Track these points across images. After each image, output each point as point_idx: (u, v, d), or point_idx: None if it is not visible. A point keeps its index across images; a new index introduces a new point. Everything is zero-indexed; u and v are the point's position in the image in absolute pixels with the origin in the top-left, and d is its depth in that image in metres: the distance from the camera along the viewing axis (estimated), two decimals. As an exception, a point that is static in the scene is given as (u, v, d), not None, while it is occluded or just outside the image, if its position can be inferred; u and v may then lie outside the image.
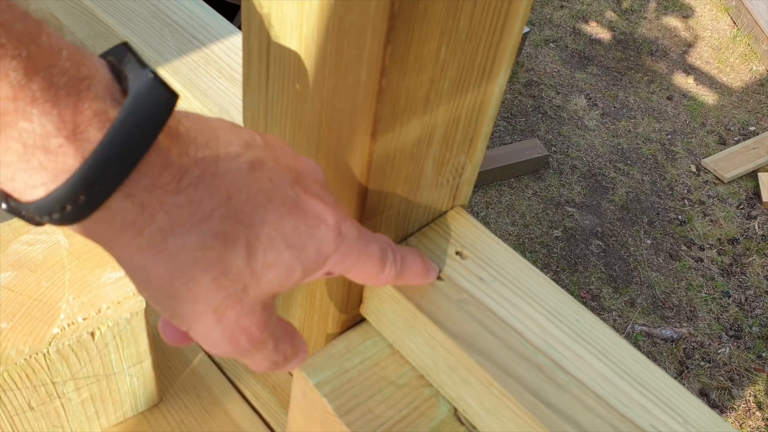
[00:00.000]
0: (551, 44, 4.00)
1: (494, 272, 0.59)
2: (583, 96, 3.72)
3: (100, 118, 0.31)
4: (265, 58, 0.53)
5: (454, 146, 0.57)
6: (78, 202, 0.31)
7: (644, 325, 2.84)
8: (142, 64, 0.33)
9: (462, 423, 0.58)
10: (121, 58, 0.34)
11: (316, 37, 0.47)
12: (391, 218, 0.57)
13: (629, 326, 2.83)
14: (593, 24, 4.16)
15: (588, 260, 3.00)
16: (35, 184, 0.31)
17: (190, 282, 0.35)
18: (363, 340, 0.62)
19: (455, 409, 0.58)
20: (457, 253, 0.60)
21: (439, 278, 0.58)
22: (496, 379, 0.52)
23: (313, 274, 0.41)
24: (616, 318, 2.84)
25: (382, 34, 0.42)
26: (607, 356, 0.54)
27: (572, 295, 2.89)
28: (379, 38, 0.43)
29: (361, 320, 0.64)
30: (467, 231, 0.62)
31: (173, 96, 0.33)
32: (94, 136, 0.31)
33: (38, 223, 0.33)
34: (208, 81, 0.72)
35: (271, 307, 0.40)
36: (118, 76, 0.33)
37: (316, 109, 0.51)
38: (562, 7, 4.23)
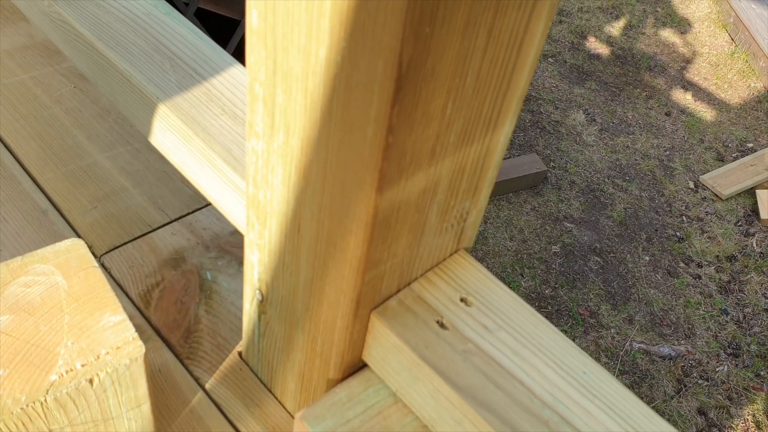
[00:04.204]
0: (550, 59, 4.00)
1: (499, 320, 0.58)
2: (581, 111, 3.72)
3: None
4: (270, 108, 0.52)
5: (459, 194, 0.56)
6: None
7: (642, 342, 2.83)
8: None
9: (466, 475, 0.57)
10: None
11: (322, 91, 0.46)
12: (395, 266, 0.56)
13: (627, 343, 2.83)
14: (592, 39, 4.16)
15: (586, 276, 2.99)
16: None
17: None
18: (365, 388, 0.61)
19: (459, 462, 0.58)
20: (461, 299, 0.60)
21: (443, 327, 0.57)
22: (501, 435, 0.51)
23: None
24: (614, 335, 2.83)
25: (390, 93, 0.42)
26: (614, 411, 0.53)
27: (571, 311, 2.88)
28: (386, 97, 0.42)
29: (364, 365, 0.63)
30: (471, 276, 0.62)
31: None
32: None
33: None
34: (210, 118, 0.71)
35: None
36: None
37: (321, 160, 0.50)
38: (560, 22, 4.24)
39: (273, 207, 0.58)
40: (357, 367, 0.63)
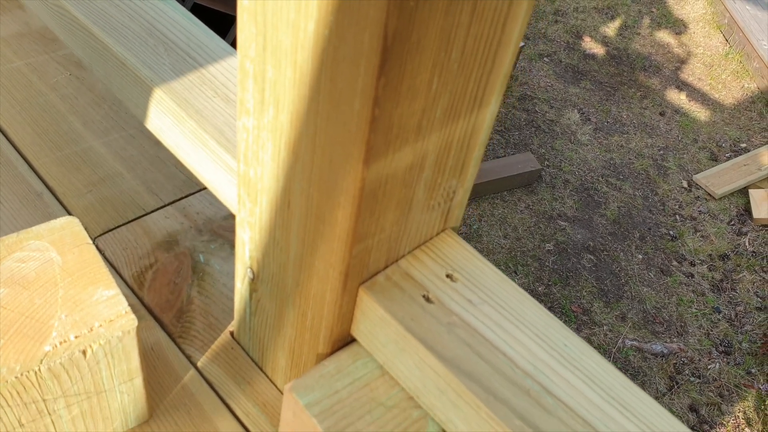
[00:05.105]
0: (545, 59, 4.02)
1: (484, 295, 0.60)
2: (576, 110, 3.74)
3: None
4: (260, 83, 0.54)
5: (445, 171, 0.58)
6: None
7: (635, 339, 2.85)
8: None
9: (450, 445, 0.59)
10: None
11: (310, 65, 0.48)
12: (382, 241, 0.58)
13: (620, 341, 2.84)
14: (587, 39, 4.18)
15: (580, 274, 3.01)
16: None
17: None
18: (353, 361, 0.62)
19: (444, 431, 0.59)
20: (447, 275, 0.61)
21: (429, 301, 0.59)
22: (484, 403, 0.52)
23: None
24: (607, 332, 2.85)
25: (375, 66, 0.43)
26: (595, 381, 0.55)
27: (564, 309, 2.90)
28: (372, 70, 0.43)
29: (352, 340, 0.65)
30: (457, 253, 0.63)
31: None
32: None
33: None
34: (204, 101, 0.73)
35: None
36: None
37: (309, 134, 0.52)
38: (556, 22, 4.26)
39: (263, 183, 0.60)
40: (346, 341, 0.64)
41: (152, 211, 0.92)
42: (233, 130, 0.70)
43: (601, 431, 0.52)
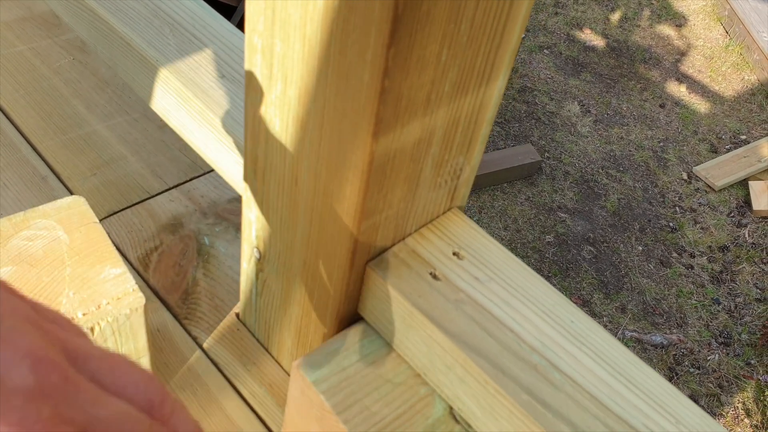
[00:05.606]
0: (545, 50, 4.02)
1: (490, 273, 0.60)
2: (576, 102, 3.73)
3: None
4: (268, 58, 0.54)
5: (453, 148, 0.58)
6: None
7: (635, 331, 2.86)
8: None
9: (457, 421, 0.59)
10: None
11: (320, 37, 0.48)
12: (390, 218, 0.58)
13: (620, 332, 2.84)
14: (587, 31, 4.18)
15: (579, 266, 3.01)
16: None
17: None
18: (360, 339, 0.62)
19: (451, 408, 0.59)
20: (454, 253, 0.61)
21: (436, 278, 0.59)
22: (492, 378, 0.52)
23: None
24: (607, 324, 2.85)
25: (386, 36, 0.43)
26: (601, 357, 0.55)
27: (564, 300, 2.91)
28: (382, 40, 0.43)
29: (359, 318, 0.65)
30: (464, 232, 0.63)
31: None
32: None
33: None
34: (210, 81, 0.73)
35: None
36: None
37: (318, 108, 0.52)
38: (556, 13, 4.26)
39: (270, 161, 0.60)
40: (353, 320, 0.64)
41: (157, 194, 0.92)
42: (239, 109, 0.70)
43: (607, 405, 0.52)
